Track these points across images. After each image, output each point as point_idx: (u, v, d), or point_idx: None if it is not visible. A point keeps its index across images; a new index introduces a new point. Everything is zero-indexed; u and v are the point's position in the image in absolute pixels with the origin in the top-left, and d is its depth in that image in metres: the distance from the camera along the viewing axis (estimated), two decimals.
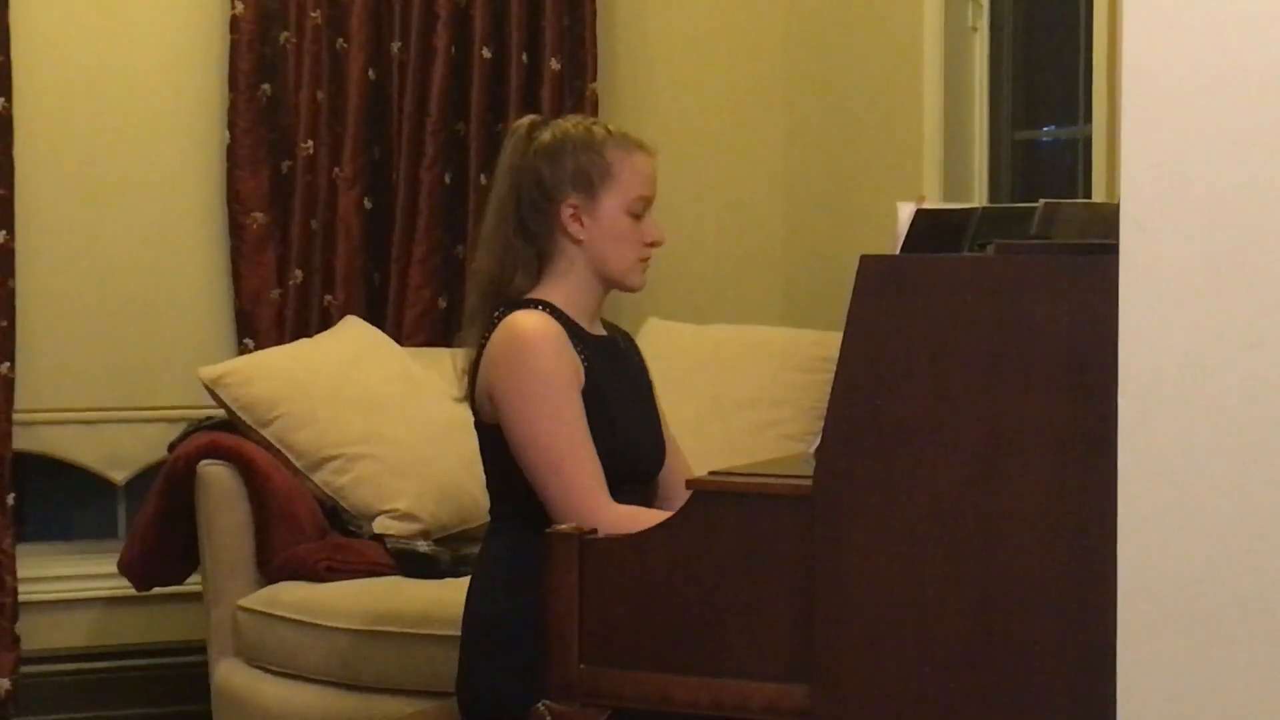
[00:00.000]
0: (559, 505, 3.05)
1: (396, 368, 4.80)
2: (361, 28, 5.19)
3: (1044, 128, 5.27)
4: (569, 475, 3.07)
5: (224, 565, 4.39)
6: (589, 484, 3.06)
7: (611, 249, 3.23)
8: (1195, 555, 2.14)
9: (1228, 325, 2.13)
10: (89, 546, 5.33)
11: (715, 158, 5.61)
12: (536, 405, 3.10)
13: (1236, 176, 2.12)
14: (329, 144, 5.19)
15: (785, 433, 4.77)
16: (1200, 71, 2.13)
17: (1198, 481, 2.14)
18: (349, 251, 5.19)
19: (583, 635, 2.73)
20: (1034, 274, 2.46)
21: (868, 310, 2.53)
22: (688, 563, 2.67)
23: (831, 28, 5.50)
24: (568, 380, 3.13)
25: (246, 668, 4.33)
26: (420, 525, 4.50)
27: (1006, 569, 2.46)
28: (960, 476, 2.47)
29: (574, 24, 5.36)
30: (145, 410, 5.16)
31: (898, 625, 2.51)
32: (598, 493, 3.05)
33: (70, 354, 5.11)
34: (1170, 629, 2.16)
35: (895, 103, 5.19)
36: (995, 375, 2.46)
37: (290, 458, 4.51)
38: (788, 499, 2.60)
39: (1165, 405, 2.15)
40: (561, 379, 3.12)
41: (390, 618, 4.11)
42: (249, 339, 5.13)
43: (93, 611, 5.15)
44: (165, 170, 5.19)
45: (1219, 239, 2.13)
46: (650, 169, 3.26)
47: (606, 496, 3.06)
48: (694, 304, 5.37)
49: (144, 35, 5.17)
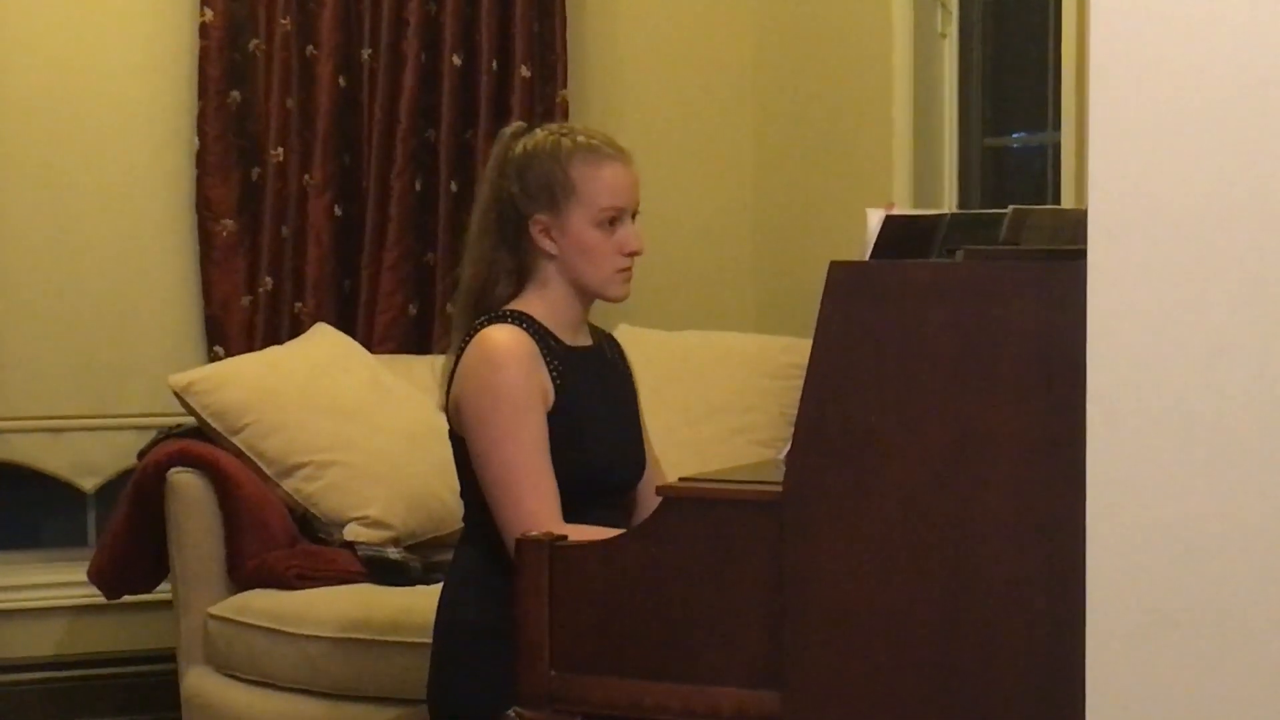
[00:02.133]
0: (507, 524, 3.06)
1: (367, 375, 4.79)
2: (331, 35, 5.19)
3: (1013, 134, 5.28)
4: (519, 495, 3.08)
5: (194, 573, 4.38)
6: (537, 505, 3.06)
7: (584, 263, 3.22)
8: (1163, 560, 2.15)
9: (1195, 331, 2.14)
10: (58, 555, 5.31)
11: (686, 164, 5.61)
12: (495, 423, 3.10)
13: (1204, 183, 2.13)
14: (299, 151, 5.18)
15: (756, 439, 4.77)
16: (1168, 78, 2.14)
17: (1165, 487, 2.15)
18: (319, 258, 5.19)
19: (553, 642, 2.73)
20: (1002, 280, 2.47)
21: (837, 316, 2.53)
22: (658, 569, 2.67)
23: (801, 34, 5.51)
24: (529, 399, 3.12)
25: (217, 676, 4.32)
26: (391, 532, 4.49)
27: (975, 574, 2.46)
28: (929, 482, 2.48)
29: (544, 31, 5.36)
30: (114, 418, 5.15)
31: (867, 630, 2.52)
32: (546, 514, 3.04)
33: (39, 361, 5.09)
34: (1139, 634, 2.17)
35: (865, 109, 5.20)
36: (964, 381, 2.46)
37: (260, 465, 4.50)
38: (758, 505, 2.60)
39: (1133, 411, 2.16)
40: (523, 398, 3.12)
41: (361, 625, 4.10)
42: (219, 346, 5.12)
43: (62, 620, 5.14)
44: (134, 177, 5.18)
45: (1187, 245, 2.14)
46: (623, 179, 3.23)
47: (556, 518, 3.05)
48: (665, 310, 5.38)
49: (113, 41, 5.16)
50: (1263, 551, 2.11)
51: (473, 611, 3.20)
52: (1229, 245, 2.12)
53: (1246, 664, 2.13)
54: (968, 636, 2.48)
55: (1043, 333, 2.42)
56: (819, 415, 2.54)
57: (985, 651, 2.47)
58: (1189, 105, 2.13)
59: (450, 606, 3.27)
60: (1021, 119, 5.21)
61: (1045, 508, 2.42)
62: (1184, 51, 2.13)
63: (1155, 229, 2.15)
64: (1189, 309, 2.14)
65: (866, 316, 2.52)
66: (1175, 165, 2.14)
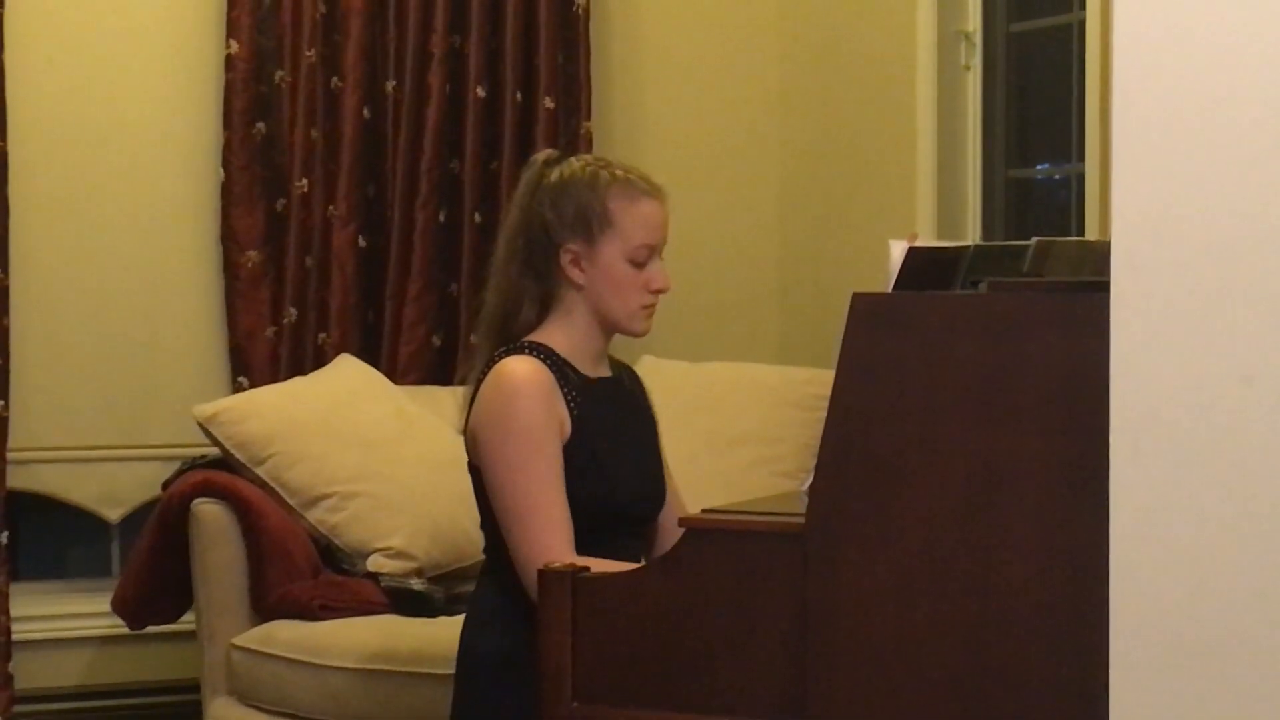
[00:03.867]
0: (520, 557, 3.06)
1: (390, 406, 4.80)
2: (356, 66, 5.21)
3: (1037, 165, 5.28)
4: (531, 529, 3.07)
5: (218, 604, 4.39)
6: (550, 539, 3.05)
7: (611, 296, 3.21)
8: (1187, 591, 2.15)
9: (1219, 362, 2.13)
10: (83, 585, 5.32)
11: (710, 196, 5.61)
12: (509, 454, 3.10)
13: (1227, 213, 2.13)
14: (323, 182, 5.20)
15: (780, 470, 4.77)
16: (1190, 110, 2.14)
17: (1190, 518, 2.14)
18: (343, 289, 5.20)
19: (575, 673, 2.73)
20: (1026, 312, 2.47)
21: (860, 347, 2.53)
22: (681, 600, 2.67)
23: (826, 66, 5.52)
24: (545, 432, 3.12)
25: (240, 706, 4.32)
26: (414, 563, 4.49)
27: (999, 605, 2.46)
28: (952, 513, 2.47)
29: (568, 62, 5.38)
30: (139, 448, 5.16)
31: (890, 662, 2.51)
32: (558, 548, 3.03)
33: (65, 392, 5.11)
34: (1163, 665, 2.16)
35: (889, 141, 5.20)
36: (987, 412, 2.46)
37: (284, 496, 4.51)
38: (780, 536, 2.60)
39: (1157, 442, 2.16)
40: (539, 430, 3.11)
41: (384, 656, 4.10)
42: (243, 377, 5.13)
43: (86, 650, 5.14)
44: (160, 208, 5.20)
45: (1210, 276, 2.13)
46: (657, 216, 3.22)
47: (568, 550, 3.04)
48: (688, 341, 5.38)
49: (139, 74, 5.18)
50: None
51: (495, 642, 3.19)
52: (1252, 276, 2.12)
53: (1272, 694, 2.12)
54: (992, 667, 2.47)
55: (1066, 364, 2.42)
56: (842, 446, 2.54)
57: (1009, 682, 2.46)
58: (1212, 137, 2.13)
59: (472, 637, 3.26)
60: (1045, 150, 5.21)
61: (1069, 538, 2.41)
62: (1207, 83, 2.13)
63: (1178, 260, 2.15)
64: (1212, 340, 2.13)
65: (890, 347, 2.51)
66: (1198, 197, 2.14)
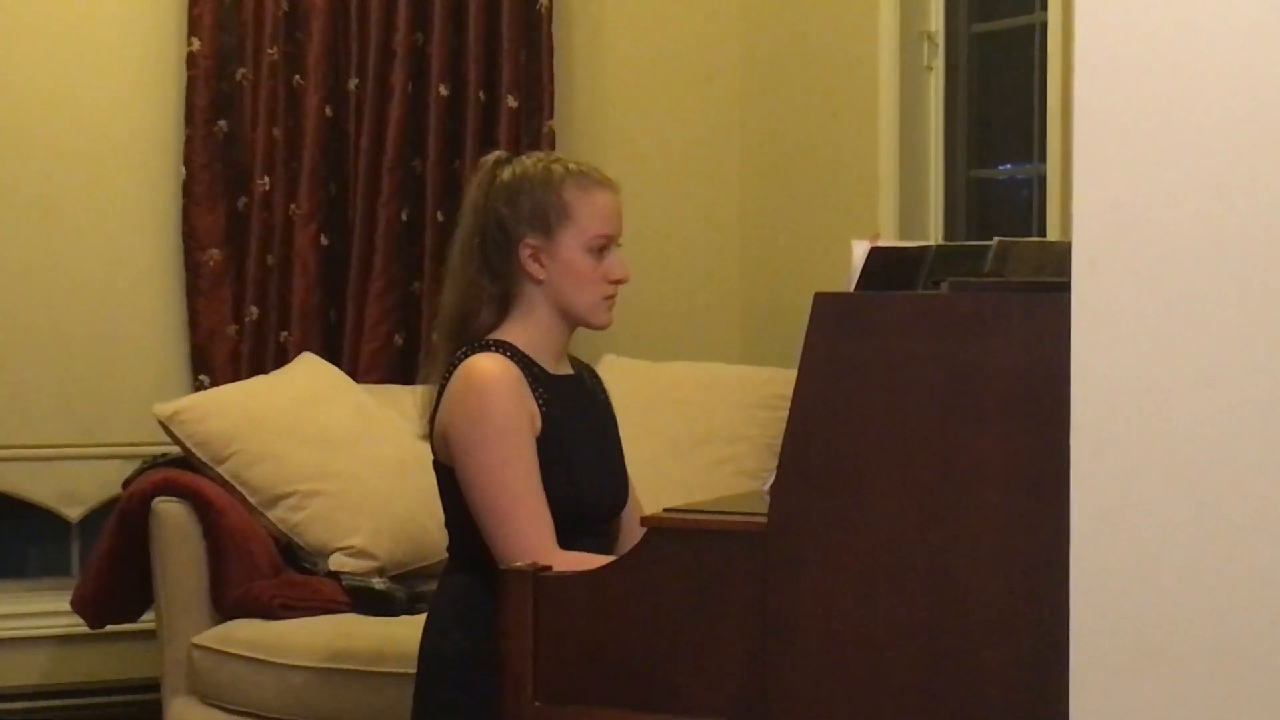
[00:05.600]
0: (503, 553, 3.05)
1: (352, 404, 4.79)
2: (318, 65, 5.19)
3: (999, 166, 5.29)
4: (515, 524, 3.07)
5: (178, 602, 4.37)
6: (533, 532, 3.06)
7: (572, 288, 3.21)
8: (1147, 592, 2.15)
9: (1180, 363, 2.14)
10: (42, 584, 5.30)
11: (671, 195, 5.62)
12: (487, 452, 3.10)
13: (1187, 214, 2.13)
14: (285, 180, 5.18)
15: (742, 470, 4.77)
16: (1151, 110, 2.15)
17: (1150, 519, 2.15)
18: (305, 288, 5.19)
19: (537, 673, 2.73)
20: (987, 312, 2.47)
21: (822, 347, 2.53)
22: (642, 600, 2.67)
23: (788, 66, 5.52)
24: (521, 427, 3.12)
25: (200, 705, 4.31)
26: (376, 562, 4.49)
27: (959, 606, 2.46)
28: (913, 513, 2.48)
29: (531, 61, 5.37)
30: (99, 447, 5.14)
31: (850, 663, 2.51)
32: (542, 542, 3.04)
33: (24, 389, 5.09)
34: (1122, 666, 2.17)
35: (851, 141, 5.21)
36: (948, 412, 2.46)
37: (245, 494, 4.50)
38: (741, 536, 2.60)
39: (1117, 442, 2.16)
40: (514, 426, 3.11)
41: (345, 655, 4.10)
42: (204, 375, 5.12)
43: (46, 649, 5.12)
44: (120, 206, 5.18)
45: (1171, 277, 2.14)
46: (612, 206, 3.24)
47: (551, 545, 3.05)
48: (650, 341, 5.38)
49: (100, 71, 5.16)
50: (1249, 584, 2.11)
51: (457, 642, 3.19)
52: (1212, 278, 2.12)
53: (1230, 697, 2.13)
54: (952, 668, 2.47)
55: (1027, 364, 2.42)
56: (803, 446, 2.54)
57: (969, 683, 2.47)
58: (1172, 138, 2.14)
59: (434, 637, 3.26)
60: (1007, 151, 5.22)
61: (1030, 539, 2.42)
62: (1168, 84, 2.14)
63: (1139, 261, 2.15)
64: (1173, 341, 2.14)
65: (851, 347, 2.52)
66: (1159, 198, 2.14)
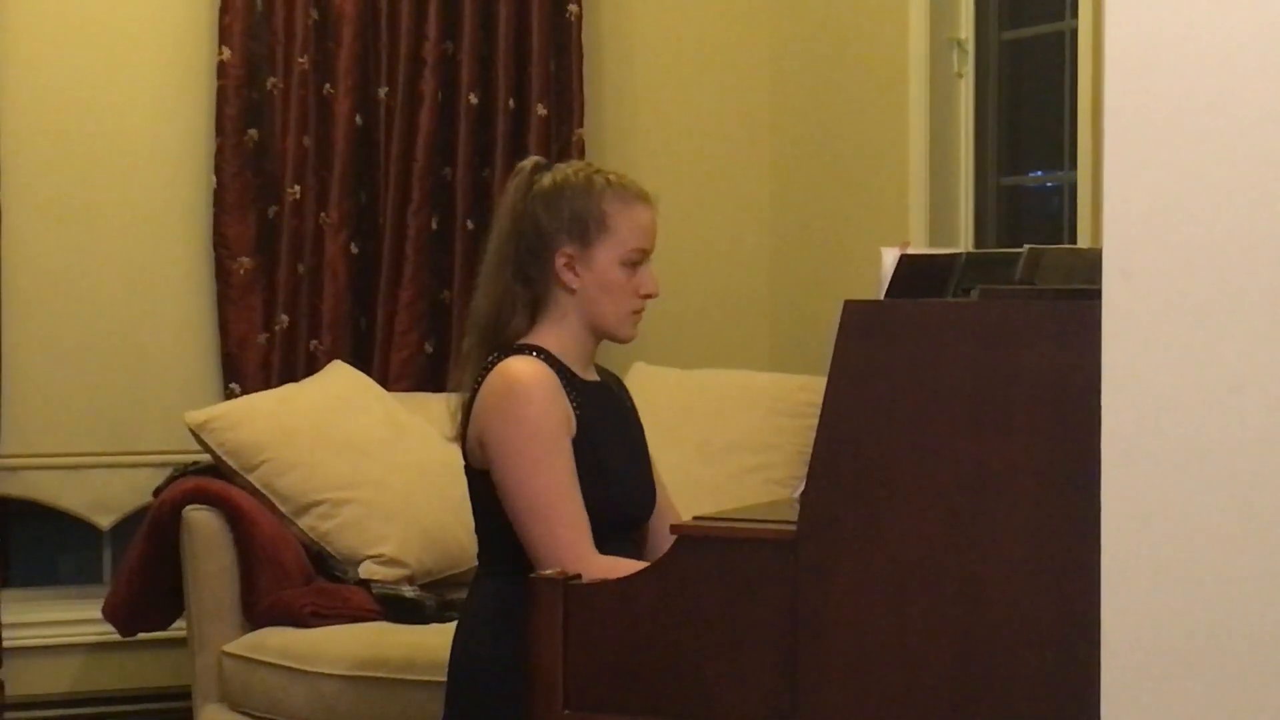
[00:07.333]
0: (542, 556, 3.05)
1: (382, 412, 4.79)
2: (349, 73, 5.20)
3: (1029, 173, 5.28)
4: (553, 526, 3.07)
5: (209, 611, 4.38)
6: (572, 535, 3.06)
7: (604, 300, 3.21)
8: (1179, 599, 2.14)
9: (1210, 370, 2.13)
10: (74, 592, 5.31)
11: (702, 203, 5.62)
12: (526, 455, 3.10)
13: (1219, 221, 2.13)
14: (316, 189, 5.19)
15: (772, 477, 4.77)
16: (1183, 117, 2.14)
17: (1181, 525, 2.14)
18: (335, 296, 5.20)
19: (567, 680, 2.73)
20: (1018, 319, 2.47)
21: (852, 355, 2.53)
22: (672, 607, 2.67)
23: (818, 74, 5.52)
24: (558, 429, 3.12)
25: (231, 713, 4.31)
26: (406, 570, 4.49)
27: (990, 612, 2.46)
28: (944, 520, 2.47)
29: (560, 70, 5.38)
30: (131, 455, 5.15)
31: (881, 669, 2.51)
32: (581, 544, 3.05)
33: (56, 399, 5.10)
34: (1154, 672, 2.16)
35: (881, 148, 5.20)
36: (979, 420, 2.46)
37: (276, 503, 4.51)
38: (772, 543, 2.60)
39: (1148, 449, 2.16)
40: (552, 428, 3.11)
41: (376, 663, 4.10)
42: (235, 384, 5.12)
43: (77, 657, 5.13)
44: (152, 214, 5.19)
45: (1202, 284, 2.13)
46: (649, 221, 3.24)
47: (590, 547, 3.06)
48: (680, 349, 5.38)
49: (131, 81, 5.17)
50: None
51: (487, 649, 3.19)
52: (1244, 284, 2.12)
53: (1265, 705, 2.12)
54: (982, 674, 2.47)
55: (1058, 372, 2.42)
56: (833, 454, 2.54)
57: (1000, 690, 2.46)
58: (1204, 144, 2.13)
59: (465, 644, 3.26)
60: (1037, 158, 5.21)
61: (1060, 547, 2.41)
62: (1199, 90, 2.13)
63: (1170, 268, 2.15)
64: (1204, 348, 2.13)
65: (881, 355, 2.51)
66: (1190, 204, 2.14)
